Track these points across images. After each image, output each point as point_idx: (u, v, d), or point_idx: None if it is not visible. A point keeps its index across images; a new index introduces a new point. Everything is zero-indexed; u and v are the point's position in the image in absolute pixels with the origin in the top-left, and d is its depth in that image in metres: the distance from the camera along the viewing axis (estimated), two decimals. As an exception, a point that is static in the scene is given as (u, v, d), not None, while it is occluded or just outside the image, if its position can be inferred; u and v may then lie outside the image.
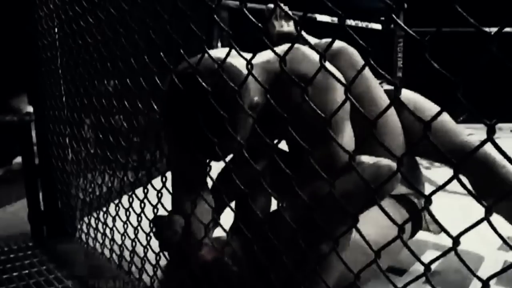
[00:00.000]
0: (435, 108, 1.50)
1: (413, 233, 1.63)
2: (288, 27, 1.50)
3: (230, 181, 1.01)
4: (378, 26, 5.17)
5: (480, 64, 0.55)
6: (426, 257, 1.74)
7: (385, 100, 1.43)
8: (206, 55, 0.99)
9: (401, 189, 1.45)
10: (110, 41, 1.37)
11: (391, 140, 1.38)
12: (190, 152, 1.08)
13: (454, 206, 1.94)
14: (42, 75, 1.95)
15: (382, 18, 4.84)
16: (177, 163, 1.34)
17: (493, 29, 0.55)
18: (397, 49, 5.37)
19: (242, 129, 1.08)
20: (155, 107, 1.20)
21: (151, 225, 1.34)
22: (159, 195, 1.29)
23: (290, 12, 1.47)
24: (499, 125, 0.60)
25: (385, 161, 1.10)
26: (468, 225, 0.62)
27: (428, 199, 0.66)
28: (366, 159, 1.07)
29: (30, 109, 2.11)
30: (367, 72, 1.43)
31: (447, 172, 0.63)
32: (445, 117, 1.52)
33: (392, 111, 1.46)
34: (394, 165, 1.14)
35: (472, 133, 1.65)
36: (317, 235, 0.95)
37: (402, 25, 0.63)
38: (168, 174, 1.27)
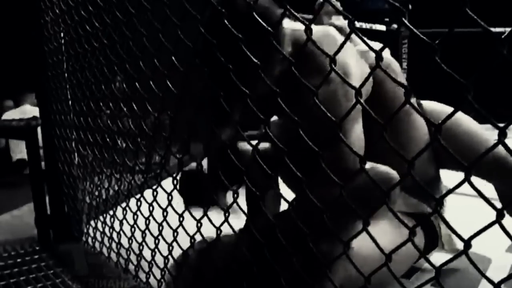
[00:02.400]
0: (459, 115, 1.47)
1: (427, 250, 1.59)
2: (338, 21, 1.48)
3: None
4: (382, 28, 5.16)
5: (490, 66, 0.54)
6: (434, 257, 1.73)
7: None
8: None
9: (412, 200, 1.42)
10: (117, 44, 1.37)
11: (410, 147, 1.35)
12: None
13: (464, 207, 1.93)
14: (48, 79, 1.95)
15: (387, 19, 4.84)
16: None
17: (498, 29, 0.55)
18: (402, 50, 5.36)
19: (269, 74, 0.99)
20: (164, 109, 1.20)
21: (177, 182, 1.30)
22: (169, 197, 1.28)
23: (340, 8, 1.46)
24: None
25: (383, 168, 1.09)
26: (477, 227, 0.62)
27: (439, 202, 0.66)
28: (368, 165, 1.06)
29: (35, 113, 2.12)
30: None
31: (459, 174, 0.63)
32: (464, 119, 1.49)
33: (420, 123, 1.42)
34: (393, 172, 1.13)
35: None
36: (325, 236, 0.94)
37: (414, 29, 0.63)
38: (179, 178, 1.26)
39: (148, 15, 1.13)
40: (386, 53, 1.40)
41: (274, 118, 1.53)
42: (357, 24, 4.92)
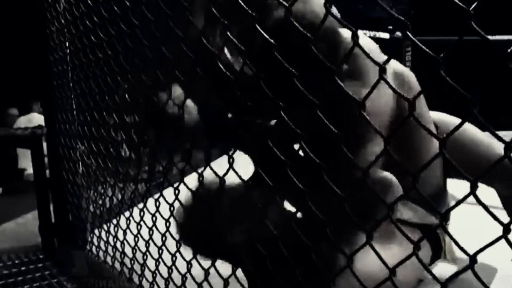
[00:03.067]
0: (467, 126, 1.45)
1: (431, 262, 1.57)
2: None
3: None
4: (386, 36, 5.16)
5: (495, 79, 0.54)
6: (439, 269, 1.72)
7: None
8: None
9: (420, 210, 1.40)
10: (120, 55, 1.38)
11: (417, 158, 1.33)
12: None
13: (467, 214, 1.91)
14: (53, 89, 1.97)
15: (390, 27, 4.84)
16: None
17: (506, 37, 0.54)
18: (406, 57, 5.35)
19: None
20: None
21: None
22: (171, 208, 1.28)
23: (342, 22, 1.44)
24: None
25: (383, 174, 1.08)
26: (481, 234, 0.62)
27: (444, 217, 0.65)
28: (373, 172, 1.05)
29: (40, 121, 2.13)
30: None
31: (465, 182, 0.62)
32: (469, 128, 1.49)
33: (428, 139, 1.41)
34: (393, 180, 1.11)
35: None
36: (328, 248, 0.93)
37: (418, 42, 0.63)
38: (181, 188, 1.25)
39: (152, 26, 1.13)
40: (396, 64, 1.39)
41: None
42: (361, 32, 4.91)
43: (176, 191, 1.22)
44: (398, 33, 4.76)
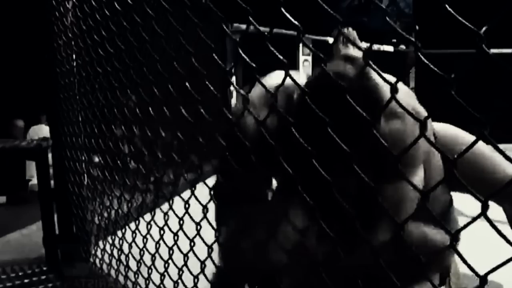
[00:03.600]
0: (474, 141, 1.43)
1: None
2: (354, 51, 1.45)
3: None
4: (390, 48, 5.18)
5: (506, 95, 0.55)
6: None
7: None
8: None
9: (426, 229, 1.38)
10: (130, 69, 1.39)
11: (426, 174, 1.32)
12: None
13: (473, 233, 1.91)
14: (60, 101, 1.98)
15: (394, 40, 4.86)
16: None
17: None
18: (409, 70, 5.37)
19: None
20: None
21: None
22: (181, 222, 1.28)
23: (358, 41, 1.42)
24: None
25: (434, 233, 1.06)
26: (487, 254, 0.61)
27: (455, 237, 0.65)
28: (415, 228, 1.02)
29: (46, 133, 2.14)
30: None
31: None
32: (482, 148, 1.46)
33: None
34: (446, 239, 1.09)
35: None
36: None
37: (431, 65, 0.63)
38: (192, 202, 1.25)
39: (162, 41, 1.14)
40: (401, 85, 1.38)
41: None
42: (365, 45, 4.94)
43: (186, 205, 1.22)
44: (402, 46, 4.78)
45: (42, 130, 5.32)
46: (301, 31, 0.82)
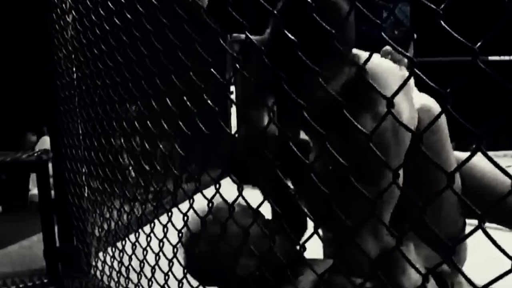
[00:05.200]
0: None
1: None
2: (401, 71, 1.40)
3: None
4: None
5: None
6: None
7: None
8: None
9: (430, 252, 1.34)
10: (129, 82, 1.40)
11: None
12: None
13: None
14: (60, 114, 1.99)
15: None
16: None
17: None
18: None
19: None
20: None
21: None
22: (180, 235, 1.28)
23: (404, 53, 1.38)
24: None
25: None
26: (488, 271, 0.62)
27: (452, 249, 0.65)
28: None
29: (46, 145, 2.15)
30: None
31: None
32: (480, 163, 1.43)
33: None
34: None
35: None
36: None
37: (429, 81, 0.64)
38: (190, 214, 1.26)
39: (160, 56, 1.15)
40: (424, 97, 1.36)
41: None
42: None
43: (185, 217, 1.22)
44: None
45: (45, 143, 5.35)
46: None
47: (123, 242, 1.75)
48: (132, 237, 1.67)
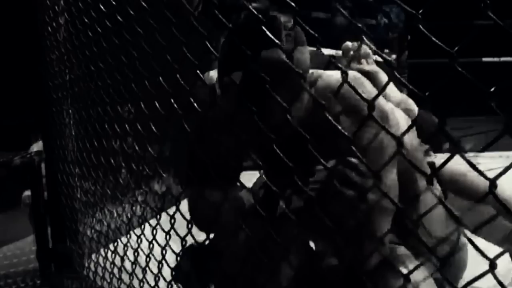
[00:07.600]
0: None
1: None
2: (369, 65, 1.39)
3: None
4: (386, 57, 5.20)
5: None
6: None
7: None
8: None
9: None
10: (121, 85, 1.40)
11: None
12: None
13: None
14: (52, 115, 1.99)
15: (386, 51, 4.90)
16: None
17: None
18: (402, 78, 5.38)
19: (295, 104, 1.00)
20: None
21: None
22: (167, 237, 1.29)
23: (382, 55, 1.37)
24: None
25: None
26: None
27: (443, 262, 0.66)
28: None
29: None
30: None
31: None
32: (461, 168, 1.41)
33: None
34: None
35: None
36: None
37: (416, 91, 0.64)
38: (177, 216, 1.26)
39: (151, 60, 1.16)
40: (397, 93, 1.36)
41: None
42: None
43: (172, 220, 1.23)
44: (393, 56, 4.81)
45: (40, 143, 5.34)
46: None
47: (115, 244, 1.75)
48: (123, 238, 1.68)
